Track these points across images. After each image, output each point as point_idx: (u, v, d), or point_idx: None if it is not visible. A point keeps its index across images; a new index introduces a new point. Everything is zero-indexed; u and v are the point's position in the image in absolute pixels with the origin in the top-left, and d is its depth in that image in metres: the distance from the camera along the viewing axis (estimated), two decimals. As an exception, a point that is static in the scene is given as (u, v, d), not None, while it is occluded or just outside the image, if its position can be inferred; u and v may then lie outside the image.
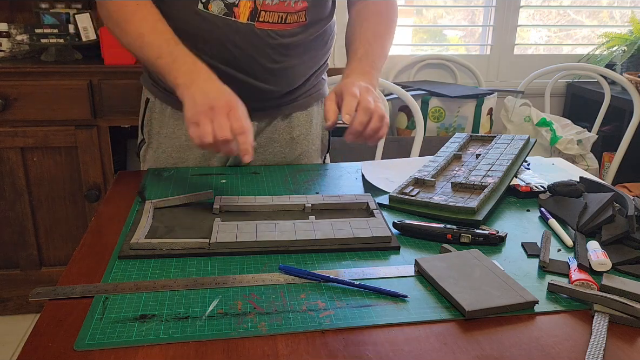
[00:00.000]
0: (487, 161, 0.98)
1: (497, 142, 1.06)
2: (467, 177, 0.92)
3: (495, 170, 0.94)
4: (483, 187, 0.88)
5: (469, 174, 0.93)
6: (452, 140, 1.10)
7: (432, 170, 0.96)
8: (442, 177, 0.96)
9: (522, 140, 1.04)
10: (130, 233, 0.73)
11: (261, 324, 0.57)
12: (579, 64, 2.34)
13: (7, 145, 1.81)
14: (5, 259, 1.96)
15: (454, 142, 1.08)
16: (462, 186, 0.90)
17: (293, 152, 1.09)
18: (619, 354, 0.55)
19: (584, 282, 0.64)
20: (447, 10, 2.66)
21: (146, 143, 1.10)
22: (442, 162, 0.99)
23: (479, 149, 1.06)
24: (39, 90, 1.77)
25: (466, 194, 0.87)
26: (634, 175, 2.39)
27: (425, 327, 0.58)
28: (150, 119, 1.08)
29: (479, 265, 0.68)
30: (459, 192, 0.88)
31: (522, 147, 1.01)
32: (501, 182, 0.90)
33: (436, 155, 1.03)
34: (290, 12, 0.94)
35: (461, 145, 1.07)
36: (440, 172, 0.97)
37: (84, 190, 1.90)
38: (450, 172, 0.97)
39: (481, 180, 0.90)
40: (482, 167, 0.96)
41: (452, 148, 1.06)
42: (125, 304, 0.60)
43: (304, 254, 0.72)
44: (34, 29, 1.83)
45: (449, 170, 0.98)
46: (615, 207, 0.80)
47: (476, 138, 1.12)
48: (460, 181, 0.90)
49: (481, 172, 0.93)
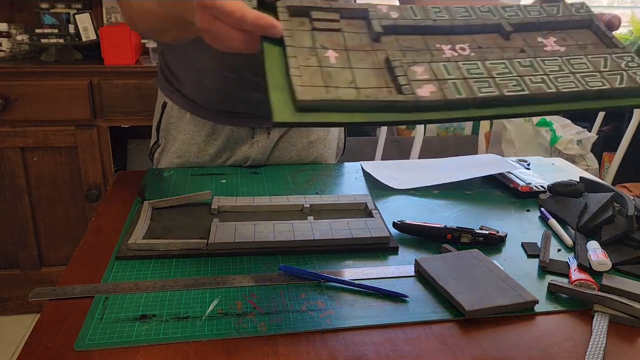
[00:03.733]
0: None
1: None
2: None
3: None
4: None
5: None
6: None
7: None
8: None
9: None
10: (128, 234, 0.73)
11: (261, 324, 0.57)
12: (579, 64, 2.34)
13: (7, 145, 1.81)
14: (5, 259, 1.96)
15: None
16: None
17: (309, 156, 1.09)
18: (619, 354, 0.55)
19: (584, 282, 0.64)
20: (447, 10, 2.65)
21: (161, 146, 1.08)
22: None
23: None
24: (39, 90, 1.77)
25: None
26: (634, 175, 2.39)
27: (425, 327, 0.58)
28: (167, 124, 1.06)
29: (479, 265, 0.68)
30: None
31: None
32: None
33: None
34: None
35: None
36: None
37: (84, 190, 1.90)
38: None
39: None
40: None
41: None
42: (126, 304, 0.60)
43: (303, 254, 0.72)
44: (34, 29, 1.83)
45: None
46: (615, 207, 0.80)
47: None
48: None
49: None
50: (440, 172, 1.01)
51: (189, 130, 1.04)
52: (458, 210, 0.87)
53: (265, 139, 1.03)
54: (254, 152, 1.03)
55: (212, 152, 1.05)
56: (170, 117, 1.06)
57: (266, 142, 1.03)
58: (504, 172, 0.98)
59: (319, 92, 0.54)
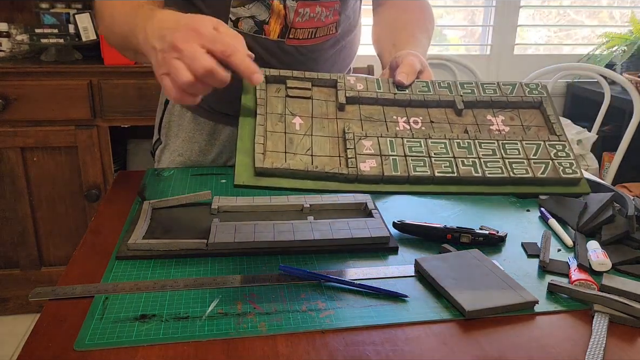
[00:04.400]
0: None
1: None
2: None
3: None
4: None
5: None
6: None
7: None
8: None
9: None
10: (127, 234, 0.73)
11: (261, 324, 0.57)
12: (579, 64, 2.34)
13: (7, 145, 1.81)
14: (5, 259, 1.96)
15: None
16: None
17: None
18: (619, 354, 0.55)
19: (584, 282, 0.64)
20: (447, 10, 2.66)
21: (162, 144, 1.09)
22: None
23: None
24: (39, 90, 1.77)
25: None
26: (634, 175, 2.39)
27: (425, 327, 0.58)
28: (168, 122, 1.07)
29: (479, 265, 0.68)
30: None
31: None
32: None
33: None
34: (321, 26, 0.93)
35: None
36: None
37: (84, 190, 1.90)
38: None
39: None
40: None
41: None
42: (125, 304, 0.60)
43: (303, 254, 0.72)
44: (34, 29, 1.83)
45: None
46: (615, 207, 0.80)
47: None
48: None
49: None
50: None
51: (190, 129, 1.04)
52: (458, 210, 0.87)
53: None
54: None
55: (213, 152, 1.05)
56: (171, 115, 1.06)
57: None
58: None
59: (277, 158, 0.63)
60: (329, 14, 0.93)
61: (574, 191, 0.65)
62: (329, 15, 0.93)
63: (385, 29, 1.00)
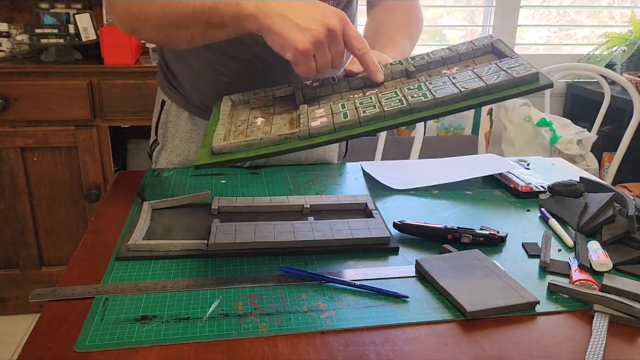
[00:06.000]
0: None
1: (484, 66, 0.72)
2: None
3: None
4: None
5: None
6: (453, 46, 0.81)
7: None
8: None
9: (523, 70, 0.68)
10: (127, 234, 0.73)
11: (262, 324, 0.57)
12: (579, 64, 2.34)
13: (7, 145, 1.81)
14: (5, 259, 1.96)
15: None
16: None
17: (311, 158, 1.09)
18: (619, 354, 0.55)
19: (585, 283, 0.64)
20: (447, 10, 2.66)
21: (160, 145, 1.09)
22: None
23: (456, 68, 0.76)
24: (39, 90, 1.77)
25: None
26: (634, 175, 2.39)
27: (426, 327, 0.58)
28: (165, 122, 1.07)
29: (479, 265, 0.68)
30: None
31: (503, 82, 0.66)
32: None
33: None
34: None
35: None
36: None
37: (84, 190, 1.90)
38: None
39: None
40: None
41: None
42: (126, 305, 0.60)
43: (304, 255, 0.72)
44: (34, 29, 1.83)
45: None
46: (616, 207, 0.80)
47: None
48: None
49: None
50: (440, 172, 1.01)
51: (188, 129, 1.04)
52: (458, 210, 0.87)
53: None
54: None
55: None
56: (168, 116, 1.06)
57: None
58: (503, 172, 0.98)
59: (235, 139, 0.67)
60: None
61: (534, 87, 0.65)
62: None
63: (370, 31, 1.02)
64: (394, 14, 1.02)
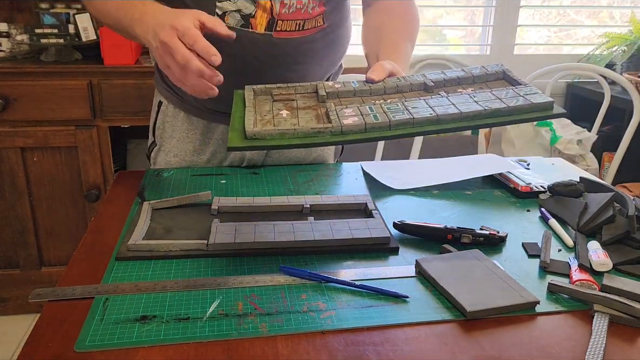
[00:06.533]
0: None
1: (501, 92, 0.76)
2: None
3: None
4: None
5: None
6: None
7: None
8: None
9: (538, 99, 0.72)
10: (127, 234, 0.73)
11: (262, 324, 0.57)
12: (579, 64, 2.34)
13: (7, 145, 1.81)
14: (5, 259, 1.96)
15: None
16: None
17: (308, 157, 1.10)
18: (619, 354, 0.55)
19: (585, 283, 0.64)
20: (447, 10, 2.66)
21: (157, 146, 1.09)
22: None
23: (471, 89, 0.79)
24: (39, 90, 1.77)
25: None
26: (634, 175, 2.39)
27: (426, 327, 0.58)
28: (162, 123, 1.07)
29: (479, 265, 0.68)
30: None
31: (517, 107, 0.71)
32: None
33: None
34: (308, 19, 0.94)
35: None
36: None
37: (84, 190, 1.90)
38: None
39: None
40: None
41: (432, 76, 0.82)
42: (126, 305, 0.60)
43: (304, 255, 0.72)
44: (34, 29, 1.83)
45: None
46: (616, 207, 0.80)
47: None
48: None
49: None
50: (440, 172, 1.01)
51: (184, 129, 1.05)
52: (458, 210, 0.87)
53: None
54: (249, 152, 1.04)
55: (207, 151, 1.05)
56: (165, 116, 1.06)
57: None
58: (504, 172, 0.98)
59: (266, 126, 0.71)
60: (315, 5, 0.93)
61: (549, 114, 0.71)
62: (315, 7, 0.94)
63: (371, 35, 1.03)
64: (391, 16, 1.02)
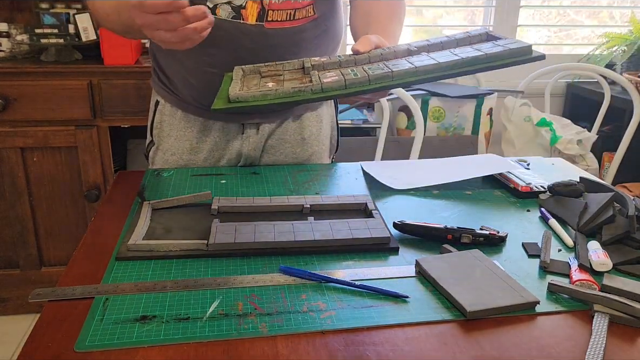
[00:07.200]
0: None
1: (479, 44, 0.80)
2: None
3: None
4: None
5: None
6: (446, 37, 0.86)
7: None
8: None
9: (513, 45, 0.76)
10: (127, 234, 0.73)
11: (262, 324, 0.57)
12: (579, 64, 2.34)
13: (7, 145, 1.81)
14: (5, 259, 1.96)
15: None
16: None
17: (304, 153, 1.10)
18: (619, 354, 0.55)
19: (585, 283, 0.64)
20: (447, 10, 2.66)
21: (155, 145, 1.09)
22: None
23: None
24: (39, 90, 1.77)
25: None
26: (634, 175, 2.39)
27: (426, 327, 0.58)
28: (160, 122, 1.08)
29: (479, 265, 0.68)
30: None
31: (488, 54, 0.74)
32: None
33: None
34: (298, 8, 0.94)
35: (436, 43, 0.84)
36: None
37: (84, 190, 1.90)
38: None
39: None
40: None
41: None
42: (126, 305, 0.60)
43: (304, 255, 0.72)
44: (34, 29, 1.83)
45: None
46: (616, 207, 0.80)
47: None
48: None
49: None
50: (440, 172, 1.01)
51: (181, 127, 1.05)
52: (458, 210, 0.87)
53: (254, 134, 1.04)
54: (246, 148, 1.04)
55: (204, 149, 1.05)
56: (162, 115, 1.07)
57: (256, 138, 1.04)
58: (504, 172, 0.98)
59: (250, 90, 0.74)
60: None
61: (528, 57, 0.74)
62: None
63: (359, 20, 1.03)
64: (378, 2, 1.02)
